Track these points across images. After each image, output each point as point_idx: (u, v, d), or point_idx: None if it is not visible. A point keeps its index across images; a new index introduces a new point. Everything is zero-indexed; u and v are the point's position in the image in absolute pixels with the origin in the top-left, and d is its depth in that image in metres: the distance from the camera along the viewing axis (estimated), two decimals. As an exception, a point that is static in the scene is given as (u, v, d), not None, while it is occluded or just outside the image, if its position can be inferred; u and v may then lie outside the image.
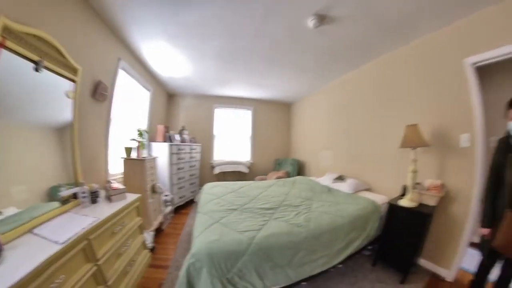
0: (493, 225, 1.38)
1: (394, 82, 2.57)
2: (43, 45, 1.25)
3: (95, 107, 2.10)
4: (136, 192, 2.04)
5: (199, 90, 4.46)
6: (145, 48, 2.63)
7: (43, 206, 1.22)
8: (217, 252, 1.43)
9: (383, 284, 1.89)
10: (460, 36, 1.90)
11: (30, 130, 1.24)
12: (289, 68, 3.13)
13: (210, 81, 3.82)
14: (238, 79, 3.68)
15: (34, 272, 0.80)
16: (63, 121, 1.50)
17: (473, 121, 1.82)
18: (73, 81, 1.55)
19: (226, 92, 4.60)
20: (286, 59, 2.80)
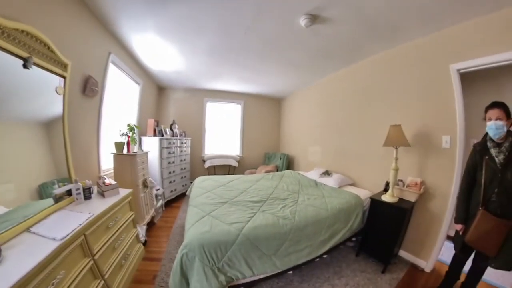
0: (466, 221, 1.50)
1: (381, 83, 2.67)
2: (31, 41, 1.21)
3: (86, 103, 2.06)
4: (128, 187, 2.05)
5: (189, 83, 4.41)
6: (135, 41, 2.58)
7: (34, 204, 1.21)
8: (208, 242, 1.51)
9: (365, 273, 2.05)
10: (447, 43, 1.99)
11: (16, 126, 1.19)
12: (279, 64, 3.15)
13: (201, 74, 3.78)
14: (229, 73, 3.67)
15: (35, 269, 0.82)
16: (51, 116, 1.45)
17: (455, 123, 1.93)
18: (62, 77, 1.51)
19: (216, 86, 4.57)
20: (277, 56, 2.82)
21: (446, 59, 1.99)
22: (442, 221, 2.02)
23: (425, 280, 1.97)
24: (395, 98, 2.50)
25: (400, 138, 2.10)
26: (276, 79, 3.91)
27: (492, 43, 1.68)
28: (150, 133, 3.41)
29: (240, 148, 5.44)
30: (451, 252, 1.75)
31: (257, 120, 5.51)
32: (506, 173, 1.31)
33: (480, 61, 1.76)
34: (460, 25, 1.87)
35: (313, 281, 1.94)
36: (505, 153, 1.33)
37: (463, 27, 1.86)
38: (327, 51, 2.65)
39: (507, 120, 1.32)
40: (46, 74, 1.37)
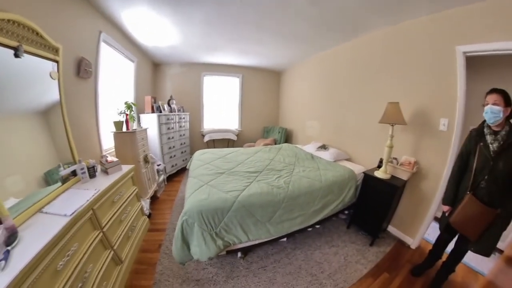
0: (453, 204, 1.56)
1: (383, 59, 2.58)
2: (19, 29, 1.16)
3: (81, 84, 2.05)
4: (130, 163, 2.12)
5: (186, 58, 4.23)
6: (126, 17, 2.43)
7: (42, 192, 1.25)
8: (206, 209, 1.63)
9: (355, 245, 2.22)
10: (456, 23, 1.86)
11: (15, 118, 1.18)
12: (278, 36, 2.98)
13: (197, 48, 3.60)
14: (226, 46, 3.49)
15: (50, 244, 0.91)
16: (48, 103, 1.45)
17: (455, 107, 1.89)
18: (55, 61, 1.47)
19: (214, 59, 4.40)
20: (275, 27, 2.65)
21: (452, 40, 1.88)
22: (431, 202, 2.10)
23: (410, 256, 2.12)
24: (396, 76, 2.43)
25: (397, 115, 2.08)
26: (275, 51, 3.74)
27: (505, 28, 1.56)
28: (148, 110, 3.39)
29: (239, 122, 5.45)
30: (436, 232, 1.83)
31: (256, 93, 5.41)
32: (498, 162, 1.31)
33: (489, 46, 1.66)
34: (472, 6, 1.73)
35: (305, 248, 2.12)
36: (500, 141, 1.32)
37: (475, 8, 1.72)
38: (327, 23, 2.49)
39: (505, 107, 1.29)
40: (38, 61, 1.34)
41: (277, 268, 1.86)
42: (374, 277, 1.83)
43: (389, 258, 2.07)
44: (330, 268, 1.89)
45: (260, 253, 2.03)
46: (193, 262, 1.84)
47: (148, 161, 2.66)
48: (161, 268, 1.78)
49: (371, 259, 2.02)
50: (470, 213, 1.40)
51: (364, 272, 1.86)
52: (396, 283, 1.77)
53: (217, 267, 1.84)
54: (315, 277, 1.78)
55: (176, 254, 1.62)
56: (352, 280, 1.77)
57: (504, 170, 1.29)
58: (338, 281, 1.75)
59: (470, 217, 1.40)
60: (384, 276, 1.84)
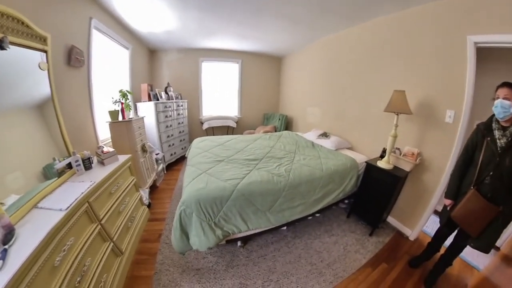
0: (456, 198, 1.54)
1: (388, 46, 2.46)
2: (3, 19, 1.07)
3: (73, 74, 1.97)
4: (127, 153, 2.09)
5: (182, 43, 4.05)
6: (118, 2, 2.29)
7: (41, 186, 1.24)
8: (204, 198, 1.60)
9: (354, 234, 2.24)
10: (469, 11, 1.73)
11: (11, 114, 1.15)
12: (278, 20, 2.82)
13: (194, 33, 3.43)
14: (224, 30, 3.32)
15: (46, 240, 0.89)
16: (42, 96, 1.39)
17: (462, 99, 1.81)
18: (43, 51, 1.39)
19: (212, 44, 4.22)
20: (275, 9, 2.50)
21: (464, 29, 1.76)
22: (432, 195, 2.08)
23: (408, 247, 2.14)
24: (402, 64, 2.33)
25: (403, 104, 2.02)
26: (275, 36, 3.57)
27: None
28: (145, 98, 3.30)
29: (238, 109, 5.35)
30: (435, 225, 1.84)
31: (256, 80, 5.26)
32: (505, 158, 1.27)
33: (504, 38, 1.55)
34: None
35: (305, 237, 2.14)
36: (509, 137, 1.28)
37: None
38: (330, 6, 2.33)
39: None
40: (26, 52, 1.26)
41: (277, 257, 1.88)
42: (372, 267, 1.85)
43: (387, 249, 2.09)
44: (329, 257, 1.91)
45: (260, 241, 2.05)
46: (193, 252, 1.86)
47: (146, 150, 2.62)
48: (161, 258, 1.80)
49: (370, 249, 2.04)
50: (473, 208, 1.38)
51: (363, 262, 1.89)
52: (394, 274, 1.80)
53: (217, 256, 1.86)
54: (315, 266, 1.81)
55: (176, 244, 1.62)
56: (351, 269, 1.80)
57: (510, 167, 1.26)
58: (337, 270, 1.78)
59: (472, 213, 1.38)
60: (383, 267, 1.86)
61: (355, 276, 1.75)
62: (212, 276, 1.66)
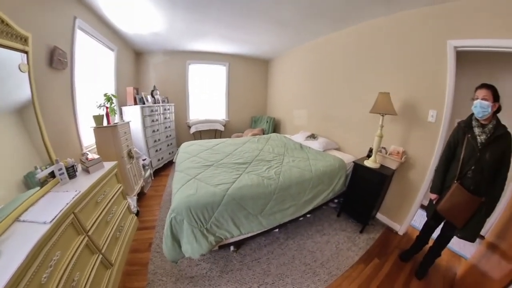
0: (441, 192, 1.63)
1: (373, 50, 2.57)
2: None
3: (55, 76, 1.86)
4: (113, 159, 1.99)
5: (169, 45, 3.98)
6: (104, 1, 2.21)
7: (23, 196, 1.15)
8: (194, 205, 1.57)
9: (345, 232, 2.29)
10: (450, 17, 1.85)
11: None
12: (266, 23, 2.85)
13: (182, 35, 3.39)
14: (212, 32, 3.30)
15: (30, 256, 0.82)
16: (21, 100, 1.30)
17: (443, 99, 1.93)
18: (24, 52, 1.30)
19: (199, 46, 4.17)
20: (263, 13, 2.52)
21: (444, 34, 1.89)
22: (418, 191, 2.18)
23: (398, 242, 2.23)
24: (386, 66, 2.43)
25: (388, 106, 2.11)
26: (263, 38, 3.60)
27: (497, 26, 1.58)
28: (131, 102, 3.19)
29: (226, 112, 5.32)
30: (423, 219, 1.93)
31: (243, 82, 5.27)
32: (485, 153, 1.37)
33: (481, 42, 1.68)
34: (465, 1, 1.73)
35: (297, 238, 2.15)
36: (488, 134, 1.38)
37: (469, 3, 1.71)
38: (318, 10, 2.39)
39: (493, 102, 1.33)
40: (5, 53, 1.18)
41: (271, 259, 1.88)
42: (365, 263, 1.90)
43: (378, 245, 2.16)
44: (322, 256, 1.94)
45: (253, 245, 2.04)
46: (186, 259, 1.81)
47: (132, 156, 2.53)
48: (153, 268, 1.73)
49: (361, 246, 2.10)
50: (457, 201, 1.47)
51: (355, 259, 1.93)
52: (386, 268, 1.86)
53: (211, 262, 1.82)
54: (309, 266, 1.82)
55: (167, 252, 1.57)
56: (345, 267, 1.83)
57: (490, 161, 1.36)
58: (331, 269, 1.81)
59: (456, 205, 1.47)
60: (375, 262, 1.92)
61: (349, 273, 1.78)
62: (206, 283, 1.63)
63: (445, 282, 1.78)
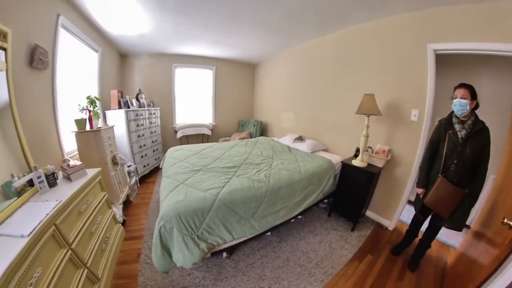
0: (426, 186, 1.70)
1: (358, 54, 2.67)
2: None
3: (35, 77, 1.74)
4: (96, 166, 1.87)
5: (156, 48, 3.88)
6: None
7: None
8: (184, 211, 1.50)
9: (337, 231, 2.31)
10: (430, 22, 1.97)
11: None
12: (254, 27, 2.88)
13: (169, 37, 3.32)
14: (199, 36, 3.27)
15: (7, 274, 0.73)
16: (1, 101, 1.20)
17: (425, 99, 2.04)
18: (2, 49, 1.20)
19: (186, 50, 4.11)
20: (252, 17, 2.54)
21: (425, 38, 2.01)
22: (405, 187, 2.27)
23: (388, 237, 2.29)
24: (371, 69, 2.53)
25: (373, 106, 2.18)
26: (250, 43, 3.62)
27: (472, 31, 1.72)
28: (115, 106, 3.04)
29: (213, 116, 5.24)
30: (411, 214, 2.02)
31: (230, 86, 5.24)
32: (466, 148, 1.46)
33: (457, 45, 1.82)
34: (445, 8, 1.86)
35: (290, 240, 2.14)
36: (467, 129, 1.47)
37: (447, 10, 1.85)
38: (305, 15, 2.46)
39: (471, 100, 1.43)
40: None
41: (265, 263, 1.84)
42: (359, 260, 1.93)
43: (370, 241, 2.20)
44: (317, 256, 1.94)
45: (246, 250, 1.99)
46: (177, 269, 1.72)
47: (117, 162, 2.39)
48: (143, 280, 1.62)
49: (354, 244, 2.13)
50: (442, 193, 1.55)
51: (349, 257, 1.95)
52: (380, 263, 1.90)
53: (203, 270, 1.74)
54: (304, 267, 1.81)
55: (157, 263, 1.48)
56: (339, 265, 1.84)
57: (470, 155, 1.45)
58: (326, 268, 1.81)
59: (442, 197, 1.55)
60: (368, 258, 1.95)
61: (344, 271, 1.79)
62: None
63: (437, 272, 1.85)
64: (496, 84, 2.28)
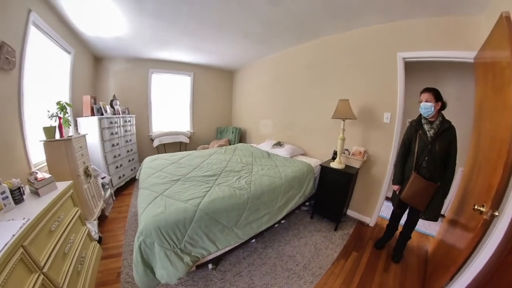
0: (402, 183, 1.84)
1: (333, 61, 2.82)
2: None
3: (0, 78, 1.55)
4: (67, 179, 1.69)
5: (132, 52, 3.68)
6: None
7: None
8: (164, 224, 1.42)
9: (321, 232, 2.36)
10: (398, 33, 2.19)
11: None
12: (233, 35, 2.91)
13: (146, 41, 3.19)
14: (178, 41, 3.21)
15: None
16: None
17: (396, 103, 2.23)
18: None
19: (163, 55, 3.98)
20: (232, 24, 2.57)
21: (395, 47, 2.21)
22: (382, 184, 2.42)
23: (370, 233, 2.41)
24: (345, 76, 2.69)
25: (348, 111, 2.32)
26: (229, 50, 3.64)
27: (435, 41, 1.96)
28: (87, 113, 2.79)
29: (190, 124, 5.09)
30: (389, 209, 2.14)
31: (208, 93, 5.16)
32: (435, 145, 1.62)
33: (423, 54, 2.05)
34: (412, 20, 2.08)
35: (275, 245, 2.13)
36: (435, 129, 1.63)
37: (413, 22, 2.07)
38: (284, 25, 2.56)
39: (436, 102, 1.60)
40: None
41: (253, 271, 1.80)
42: (345, 258, 1.99)
43: (353, 239, 2.29)
44: (303, 259, 1.95)
45: (231, 259, 1.92)
46: (162, 286, 1.59)
47: (90, 174, 2.18)
48: (125, 301, 1.48)
49: (338, 243, 2.19)
50: (417, 188, 1.68)
51: (335, 256, 2.00)
52: (365, 259, 1.98)
53: (189, 285, 1.64)
54: (292, 271, 1.81)
55: (140, 281, 1.37)
56: (327, 265, 1.88)
57: (439, 151, 1.61)
58: (314, 269, 1.83)
59: (417, 192, 1.69)
60: (353, 255, 2.03)
61: (332, 270, 1.83)
62: (189, 308, 1.46)
63: (419, 261, 1.99)
64: (460, 85, 2.59)
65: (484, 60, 1.54)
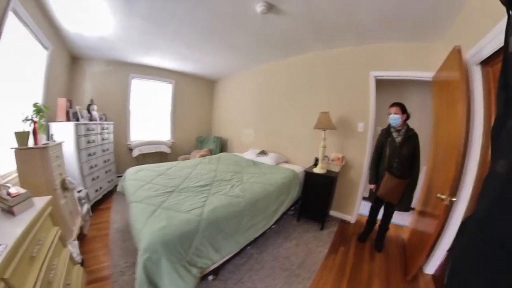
0: (376, 182, 2.01)
1: (315, 77, 2.96)
2: None
3: None
4: (43, 193, 1.34)
5: (114, 54, 3.26)
6: None
7: None
8: (171, 238, 1.27)
9: (309, 233, 2.39)
10: (372, 55, 2.42)
11: None
12: (221, 45, 2.83)
13: (131, 44, 2.87)
14: (164, 47, 2.97)
15: None
16: None
17: (368, 114, 2.43)
18: None
19: (146, 60, 3.62)
20: (221, 36, 2.52)
21: (368, 67, 2.42)
22: (359, 185, 2.58)
23: (353, 229, 2.53)
24: (324, 90, 2.84)
25: (328, 122, 2.44)
26: (214, 60, 3.50)
27: (402, 63, 2.23)
28: (62, 117, 2.34)
29: (171, 133, 4.70)
30: (367, 207, 2.30)
31: (189, 101, 4.84)
32: (403, 149, 1.84)
33: (392, 73, 2.30)
34: (383, 44, 2.32)
35: (269, 249, 2.07)
36: (402, 136, 1.86)
37: (385, 46, 2.32)
38: (272, 41, 2.61)
39: (402, 114, 1.83)
40: None
41: (253, 276, 1.71)
42: (334, 253, 2.05)
43: (339, 236, 2.37)
44: (298, 258, 1.94)
45: (230, 268, 1.79)
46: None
47: (67, 187, 1.78)
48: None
49: (326, 240, 2.24)
50: (390, 186, 1.87)
51: (325, 252, 2.04)
52: (352, 251, 2.08)
53: (193, 299, 1.45)
54: (289, 270, 1.78)
55: (146, 303, 1.14)
56: (320, 261, 1.91)
57: (407, 154, 1.83)
58: (309, 266, 1.84)
59: (390, 189, 1.87)
60: (341, 250, 2.11)
61: (325, 265, 1.87)
62: (198, 324, 1.27)
63: (398, 248, 2.17)
64: (422, 99, 2.91)
65: (440, 79, 1.82)
